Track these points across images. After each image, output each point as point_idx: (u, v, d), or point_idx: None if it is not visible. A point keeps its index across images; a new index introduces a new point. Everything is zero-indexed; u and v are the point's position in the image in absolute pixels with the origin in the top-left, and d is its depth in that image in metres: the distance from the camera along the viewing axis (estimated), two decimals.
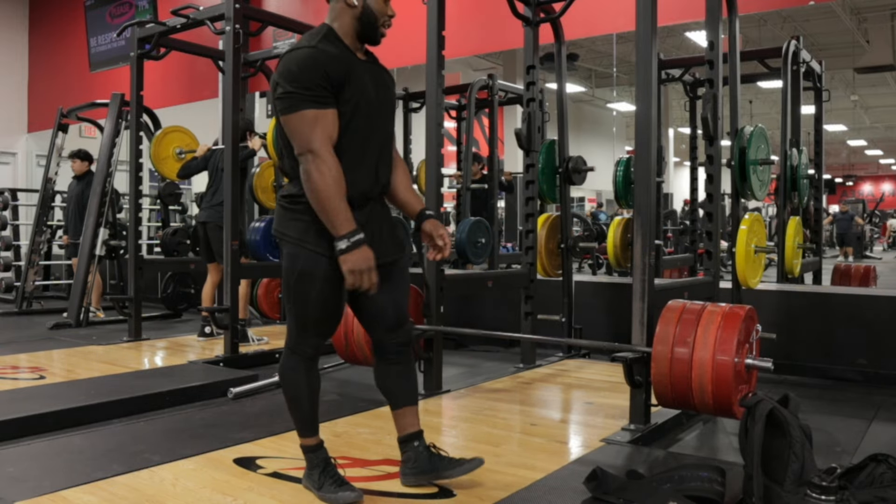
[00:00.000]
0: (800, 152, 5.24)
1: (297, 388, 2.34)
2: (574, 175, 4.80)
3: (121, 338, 5.58)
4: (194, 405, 3.66)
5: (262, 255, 5.64)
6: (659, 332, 2.89)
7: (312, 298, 2.25)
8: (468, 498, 2.32)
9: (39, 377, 4.18)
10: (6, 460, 2.69)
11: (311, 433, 2.36)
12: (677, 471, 2.29)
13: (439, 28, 3.80)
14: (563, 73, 4.92)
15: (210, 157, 5.61)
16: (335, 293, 2.26)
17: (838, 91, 17.41)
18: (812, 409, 3.54)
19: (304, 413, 2.36)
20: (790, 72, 5.23)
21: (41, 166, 9.09)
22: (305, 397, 2.35)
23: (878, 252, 19.54)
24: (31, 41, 10.70)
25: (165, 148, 6.41)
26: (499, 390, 3.95)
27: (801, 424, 2.24)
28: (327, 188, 2.12)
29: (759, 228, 4.11)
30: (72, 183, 7.18)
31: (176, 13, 5.08)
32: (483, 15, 6.08)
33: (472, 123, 6.90)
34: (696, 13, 4.37)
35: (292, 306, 2.29)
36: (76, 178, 7.11)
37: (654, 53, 3.18)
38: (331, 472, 2.32)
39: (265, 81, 6.64)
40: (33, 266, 7.58)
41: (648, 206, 3.13)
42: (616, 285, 5.31)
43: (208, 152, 5.67)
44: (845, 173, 35.25)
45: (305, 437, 2.36)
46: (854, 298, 4.55)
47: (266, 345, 5.24)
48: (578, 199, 21.65)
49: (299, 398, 2.35)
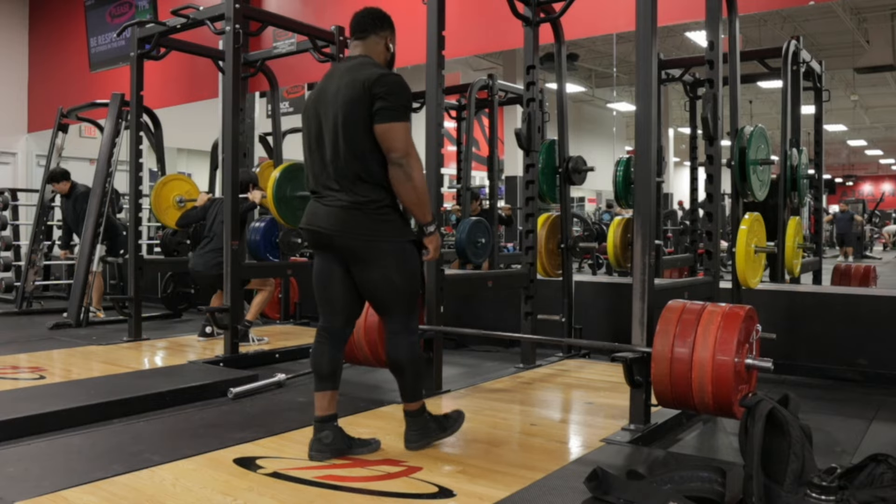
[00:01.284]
0: (800, 152, 5.24)
1: (422, 361, 2.90)
2: (574, 175, 4.80)
3: (121, 338, 5.58)
4: (194, 405, 3.65)
5: (262, 256, 5.63)
6: (659, 332, 2.89)
7: (420, 275, 2.80)
8: (468, 498, 2.32)
9: (39, 377, 4.18)
10: (6, 460, 2.69)
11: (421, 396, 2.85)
12: (678, 471, 2.29)
13: (439, 28, 3.80)
14: (563, 73, 4.92)
15: (209, 207, 5.63)
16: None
17: (838, 91, 17.39)
18: (812, 409, 3.54)
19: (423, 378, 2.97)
20: (790, 72, 5.23)
21: (41, 166, 9.09)
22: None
23: (877, 252, 19.53)
24: (31, 41, 10.70)
25: (166, 197, 6.48)
26: (499, 390, 3.95)
27: (801, 424, 2.24)
28: (423, 183, 2.67)
29: (759, 228, 4.11)
30: (62, 199, 7.18)
31: (176, 13, 5.08)
32: (483, 15, 6.08)
33: (472, 123, 6.91)
34: (696, 13, 4.37)
35: (410, 288, 2.75)
36: (65, 196, 7.11)
37: (654, 53, 3.18)
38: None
39: (265, 81, 6.64)
40: (33, 266, 7.58)
41: (648, 206, 3.14)
42: (616, 285, 5.31)
43: (208, 202, 5.70)
44: (845, 173, 35.26)
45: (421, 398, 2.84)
46: (854, 298, 4.54)
47: (266, 345, 5.24)
48: (578, 199, 21.65)
49: (422, 368, 2.92)
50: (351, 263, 2.70)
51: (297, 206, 5.12)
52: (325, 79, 2.79)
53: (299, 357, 4.91)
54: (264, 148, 7.08)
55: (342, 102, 2.62)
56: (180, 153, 13.88)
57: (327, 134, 2.67)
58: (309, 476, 2.52)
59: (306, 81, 8.43)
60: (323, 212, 2.68)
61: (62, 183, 7.04)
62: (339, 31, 5.36)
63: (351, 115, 2.61)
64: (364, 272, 2.69)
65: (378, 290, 2.72)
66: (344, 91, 2.63)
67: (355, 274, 2.72)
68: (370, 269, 2.68)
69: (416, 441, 2.83)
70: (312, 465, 2.64)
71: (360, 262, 2.68)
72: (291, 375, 4.17)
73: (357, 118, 2.60)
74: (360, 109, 2.59)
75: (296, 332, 6.02)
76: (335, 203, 2.65)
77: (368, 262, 2.67)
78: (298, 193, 5.11)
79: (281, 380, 4.02)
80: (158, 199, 6.43)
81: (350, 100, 2.61)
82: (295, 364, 4.71)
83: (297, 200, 5.11)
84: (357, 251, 2.66)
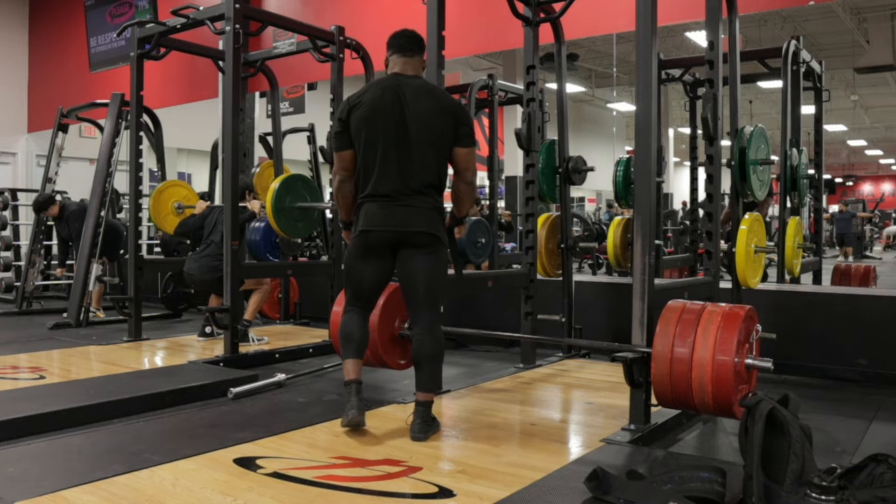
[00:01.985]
0: (800, 152, 5.24)
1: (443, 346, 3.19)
2: (574, 175, 4.80)
3: (121, 338, 5.58)
4: (194, 405, 3.65)
5: (262, 256, 5.64)
6: (659, 332, 2.89)
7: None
8: (468, 498, 2.32)
9: (39, 377, 4.18)
10: (6, 460, 2.69)
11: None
12: (678, 471, 2.29)
13: (439, 28, 3.80)
14: (563, 73, 4.92)
15: (207, 215, 5.62)
16: None
17: (838, 91, 17.39)
18: (812, 409, 3.54)
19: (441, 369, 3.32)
20: (790, 72, 5.23)
21: (41, 166, 9.10)
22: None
23: (877, 252, 19.53)
24: (31, 41, 10.70)
25: (164, 204, 6.47)
26: (499, 390, 3.95)
27: (801, 424, 2.24)
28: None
29: (759, 228, 4.11)
30: (56, 221, 7.17)
31: (176, 13, 5.08)
32: (483, 15, 6.08)
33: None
34: (696, 13, 4.37)
35: (443, 287, 3.18)
36: (56, 218, 7.10)
37: (654, 53, 3.18)
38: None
39: (265, 81, 6.64)
40: (33, 266, 7.58)
41: (648, 206, 3.14)
42: (616, 285, 5.31)
43: (206, 210, 5.69)
44: (845, 173, 35.25)
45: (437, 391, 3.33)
46: (854, 298, 4.54)
47: (266, 345, 5.24)
48: (578, 199, 21.65)
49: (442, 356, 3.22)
50: (408, 258, 3.08)
51: (297, 216, 5.13)
52: (382, 91, 3.06)
53: (299, 357, 4.91)
54: (264, 148, 7.08)
55: (429, 124, 3.04)
56: (180, 153, 13.89)
57: (401, 145, 3.03)
58: (309, 476, 2.52)
59: (306, 81, 8.45)
60: (402, 213, 3.04)
61: (51, 208, 7.04)
62: (339, 31, 5.36)
63: (437, 135, 3.06)
64: (422, 263, 3.07)
65: (429, 280, 3.08)
66: (430, 114, 3.04)
67: (411, 266, 3.07)
68: (427, 261, 3.07)
69: (423, 433, 2.98)
70: (312, 464, 2.64)
71: (419, 256, 3.06)
72: (291, 375, 4.17)
73: (443, 139, 3.07)
74: (447, 132, 3.07)
75: (296, 332, 6.02)
76: (412, 204, 3.04)
77: (429, 255, 3.08)
78: (298, 205, 5.12)
79: (281, 380, 4.02)
80: (157, 207, 6.43)
81: (437, 123, 3.05)
82: (295, 364, 4.71)
83: (296, 211, 5.12)
84: (425, 245, 3.06)
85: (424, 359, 3.09)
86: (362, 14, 6.90)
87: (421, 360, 3.09)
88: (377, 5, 6.89)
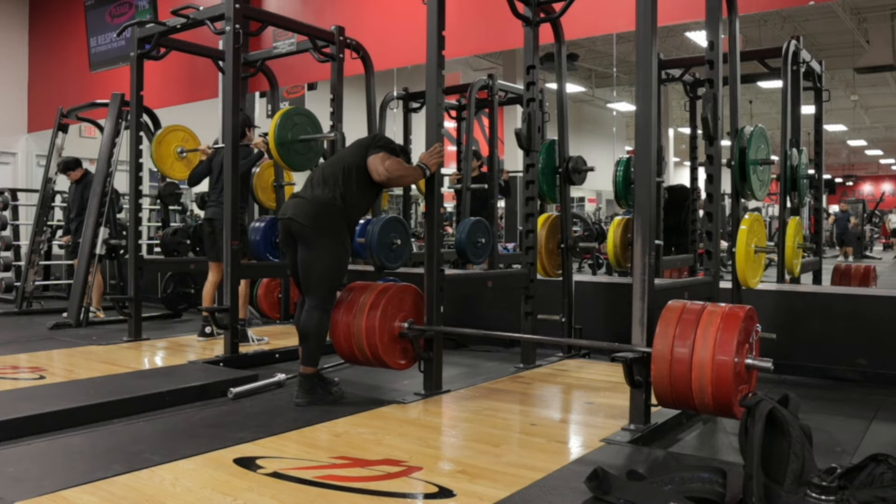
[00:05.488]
0: (800, 152, 5.24)
1: (324, 334, 3.73)
2: (574, 175, 4.80)
3: (121, 338, 5.58)
4: (194, 405, 3.66)
5: (263, 255, 5.63)
6: (659, 332, 2.89)
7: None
8: (468, 498, 2.32)
9: (39, 377, 4.18)
10: (6, 460, 2.69)
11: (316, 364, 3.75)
12: (678, 472, 2.29)
13: (439, 28, 3.79)
14: (563, 73, 4.92)
15: (213, 158, 5.58)
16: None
17: (838, 91, 17.39)
18: (812, 409, 3.54)
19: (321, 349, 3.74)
20: (790, 72, 5.22)
21: (41, 166, 9.10)
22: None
23: (877, 252, 19.53)
24: (31, 41, 10.70)
25: (167, 147, 6.38)
26: (499, 390, 3.95)
27: (801, 424, 2.24)
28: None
29: (759, 228, 4.11)
30: (71, 186, 7.21)
31: (176, 13, 5.08)
32: (483, 15, 6.08)
33: (472, 123, 6.90)
34: (696, 13, 4.37)
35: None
36: (75, 182, 7.14)
37: (654, 53, 3.18)
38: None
39: (265, 81, 6.64)
40: (33, 266, 7.58)
41: (648, 206, 3.13)
42: (616, 285, 5.31)
43: (212, 153, 5.65)
44: (845, 173, 35.23)
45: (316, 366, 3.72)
46: (854, 298, 4.54)
47: (266, 345, 5.24)
48: (578, 199, 21.64)
49: (323, 341, 3.70)
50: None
51: (300, 149, 5.03)
52: None
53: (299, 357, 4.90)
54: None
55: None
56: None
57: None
58: (309, 476, 2.52)
59: (306, 81, 8.44)
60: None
61: (77, 170, 7.13)
62: (339, 31, 5.36)
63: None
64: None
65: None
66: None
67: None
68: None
69: (300, 397, 3.56)
70: (313, 464, 2.64)
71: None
72: (291, 375, 4.16)
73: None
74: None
75: (295, 332, 6.00)
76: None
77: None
78: (300, 137, 5.03)
79: (281, 380, 4.02)
80: (160, 155, 6.31)
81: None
82: (295, 364, 4.69)
83: (298, 144, 5.03)
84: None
85: (301, 335, 3.72)
86: (362, 14, 6.90)
87: (300, 335, 3.73)
88: (377, 5, 6.89)
